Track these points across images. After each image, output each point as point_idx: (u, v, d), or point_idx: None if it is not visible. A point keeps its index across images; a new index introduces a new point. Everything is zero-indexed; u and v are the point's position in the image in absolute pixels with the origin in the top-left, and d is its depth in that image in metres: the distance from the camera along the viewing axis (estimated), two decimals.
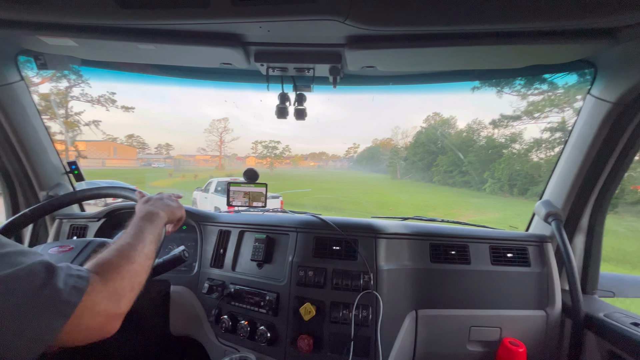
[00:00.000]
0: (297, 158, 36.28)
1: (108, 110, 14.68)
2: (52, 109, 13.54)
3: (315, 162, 39.23)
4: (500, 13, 0.71)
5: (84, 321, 0.46)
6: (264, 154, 28.16)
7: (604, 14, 0.69)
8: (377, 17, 0.75)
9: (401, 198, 14.85)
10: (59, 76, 11.09)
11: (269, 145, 28.20)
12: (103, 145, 25.96)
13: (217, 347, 1.18)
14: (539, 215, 1.20)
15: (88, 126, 14.43)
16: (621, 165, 1.04)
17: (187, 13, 0.76)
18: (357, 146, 36.78)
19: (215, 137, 28.76)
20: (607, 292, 1.20)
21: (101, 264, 0.54)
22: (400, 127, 39.93)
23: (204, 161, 32.28)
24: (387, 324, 1.04)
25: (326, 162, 38.89)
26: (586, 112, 1.04)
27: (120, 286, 0.53)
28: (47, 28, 0.87)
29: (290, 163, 34.23)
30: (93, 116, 17.67)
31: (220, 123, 29.39)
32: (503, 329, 1.11)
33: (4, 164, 1.31)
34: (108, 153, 26.21)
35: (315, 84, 1.18)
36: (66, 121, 13.65)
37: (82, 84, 12.46)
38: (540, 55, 0.90)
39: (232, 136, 29.56)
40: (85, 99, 13.82)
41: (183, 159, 33.07)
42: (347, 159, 35.81)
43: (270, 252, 1.20)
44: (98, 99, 13.91)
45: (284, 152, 29.00)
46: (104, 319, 0.49)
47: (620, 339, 0.92)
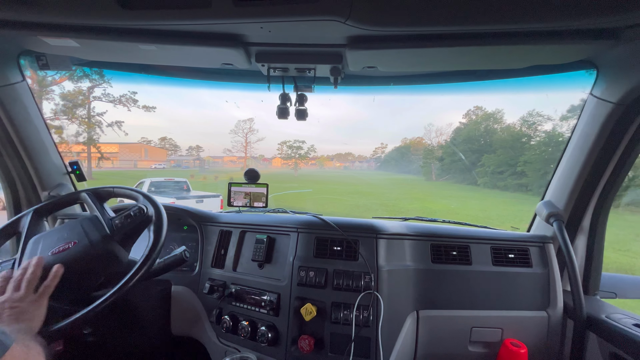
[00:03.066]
0: (323, 159, 35.39)
1: (130, 110, 14.63)
2: (73, 109, 13.52)
3: (341, 163, 38.50)
4: (502, 13, 0.71)
5: None
6: (288, 154, 27.19)
7: (605, 14, 0.69)
8: (378, 17, 0.75)
9: (449, 205, 12.42)
10: (80, 76, 11.11)
11: (293, 145, 26.97)
12: (135, 147, 27.20)
13: (218, 347, 1.18)
14: (541, 215, 1.20)
15: (111, 127, 14.34)
16: (623, 165, 1.04)
17: (189, 14, 0.76)
18: (385, 146, 35.33)
19: (240, 138, 28.32)
20: (609, 293, 1.19)
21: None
22: (433, 124, 37.55)
23: (231, 162, 32.35)
24: (388, 324, 1.03)
25: (352, 162, 38.08)
26: (588, 113, 1.04)
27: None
28: (49, 29, 0.87)
29: (316, 164, 33.55)
30: (115, 117, 17.57)
31: (246, 124, 28.67)
32: (504, 329, 1.11)
33: (5, 163, 1.31)
34: (140, 155, 27.33)
35: (316, 84, 1.18)
36: (85, 121, 13.80)
37: (104, 84, 12.62)
38: (541, 56, 0.90)
39: (258, 137, 28.96)
40: (107, 99, 13.86)
41: (212, 160, 33.37)
42: (374, 160, 34.76)
43: (271, 252, 1.20)
44: (119, 99, 13.88)
45: (309, 152, 27.85)
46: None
47: (622, 340, 0.92)
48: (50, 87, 11.90)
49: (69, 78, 11.73)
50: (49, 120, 11.63)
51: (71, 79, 11.74)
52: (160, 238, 0.90)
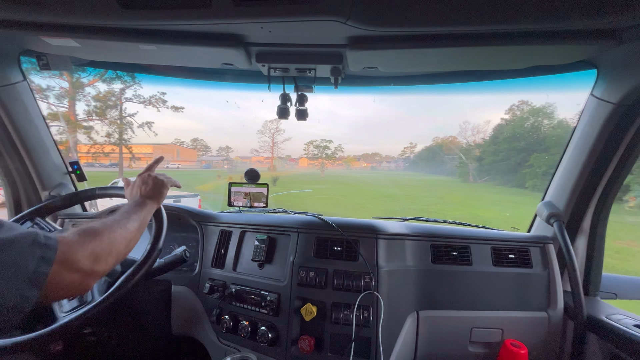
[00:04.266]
0: (349, 159, 34.00)
1: (159, 110, 14.56)
2: (106, 111, 13.81)
3: (368, 163, 37.36)
4: (502, 14, 0.71)
5: (64, 278, 0.52)
6: (315, 154, 26.41)
7: (606, 15, 0.69)
8: (379, 17, 0.75)
9: (503, 213, 10.66)
10: (113, 77, 11.22)
11: (320, 145, 26.05)
12: (168, 148, 27.89)
13: (218, 347, 1.18)
14: (541, 216, 1.20)
15: (141, 128, 14.36)
16: (623, 166, 1.03)
17: (189, 14, 0.76)
18: (414, 146, 33.69)
19: (267, 138, 27.62)
20: (609, 293, 1.19)
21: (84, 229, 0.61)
22: (469, 122, 35.10)
23: (259, 162, 32.10)
24: (388, 325, 1.03)
25: (379, 163, 36.93)
26: (588, 113, 1.04)
27: (99, 248, 0.59)
28: (50, 29, 0.87)
29: (343, 164, 32.64)
30: (146, 117, 17.73)
31: (272, 124, 28.59)
32: (505, 330, 1.11)
33: (6, 163, 1.31)
34: (172, 155, 28.00)
35: (317, 84, 1.18)
36: (116, 122, 13.88)
37: (134, 85, 12.74)
38: (542, 56, 0.90)
39: (284, 137, 28.17)
40: (138, 100, 13.89)
41: (240, 161, 33.24)
42: (402, 160, 33.43)
43: (271, 252, 1.20)
44: (149, 100, 13.87)
45: (336, 152, 26.85)
46: (81, 275, 0.55)
47: (623, 341, 0.92)
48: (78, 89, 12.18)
49: (100, 79, 11.96)
50: (82, 122, 11.04)
51: (103, 81, 12.04)
52: (161, 238, 0.90)
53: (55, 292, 0.52)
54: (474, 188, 15.76)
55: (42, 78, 11.53)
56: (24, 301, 0.46)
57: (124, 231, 0.68)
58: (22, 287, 0.46)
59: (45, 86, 11.05)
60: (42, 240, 0.50)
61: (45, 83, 11.35)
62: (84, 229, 0.61)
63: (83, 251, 0.56)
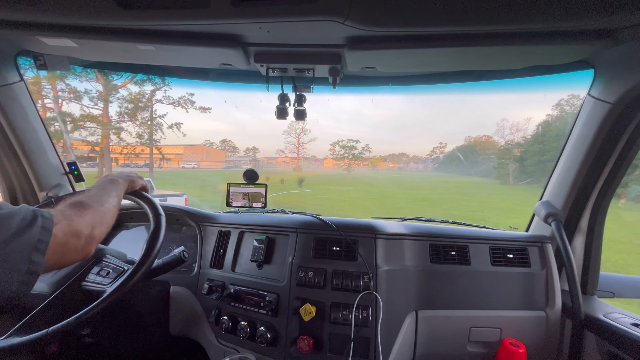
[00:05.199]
0: (375, 159, 33.35)
1: (187, 111, 14.75)
2: (136, 113, 14.05)
3: (394, 164, 36.63)
4: (500, 14, 0.72)
5: (70, 244, 0.59)
6: (341, 154, 26.09)
7: (603, 15, 0.69)
8: (377, 18, 0.75)
9: None
10: (144, 79, 11.43)
11: (346, 145, 25.63)
12: (198, 148, 29.21)
13: (217, 347, 1.17)
14: (539, 215, 1.20)
15: (171, 129, 14.67)
16: (620, 165, 1.04)
17: (187, 14, 0.76)
18: (444, 146, 32.64)
19: (293, 139, 27.96)
20: (607, 292, 1.20)
21: (74, 202, 0.67)
22: (507, 119, 32.51)
23: (284, 163, 32.60)
24: (387, 324, 1.03)
25: (407, 163, 36.04)
26: (585, 113, 1.04)
27: (93, 217, 0.67)
28: (47, 29, 0.87)
29: (369, 165, 32.09)
30: (175, 118, 18.05)
31: (298, 124, 28.47)
32: (503, 329, 1.11)
33: (3, 164, 1.31)
34: (202, 156, 29.22)
35: (315, 84, 1.18)
36: (147, 123, 14.19)
37: (164, 87, 12.92)
38: (539, 56, 0.90)
39: (310, 137, 28.44)
40: (168, 102, 14.12)
41: (267, 161, 34.15)
42: (431, 161, 32.48)
43: (270, 252, 1.20)
44: (178, 101, 14.07)
45: (363, 152, 26.23)
46: (84, 240, 0.62)
47: (620, 340, 0.92)
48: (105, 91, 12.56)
49: (131, 81, 12.27)
50: (114, 123, 11.21)
51: (135, 83, 12.35)
52: (159, 238, 0.89)
53: (64, 256, 0.59)
54: (516, 191, 13.89)
55: (79, 82, 11.88)
56: (34, 265, 0.52)
57: (109, 205, 0.76)
58: (29, 252, 0.51)
59: (83, 89, 11.53)
60: (39, 212, 0.55)
61: (83, 86, 11.74)
62: (74, 202, 0.67)
63: (81, 218, 0.64)
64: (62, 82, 11.47)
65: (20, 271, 0.50)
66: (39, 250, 0.53)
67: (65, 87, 11.92)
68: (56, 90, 12.02)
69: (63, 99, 12.17)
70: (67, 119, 12.27)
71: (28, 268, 0.51)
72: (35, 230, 0.53)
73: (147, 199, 0.96)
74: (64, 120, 12.22)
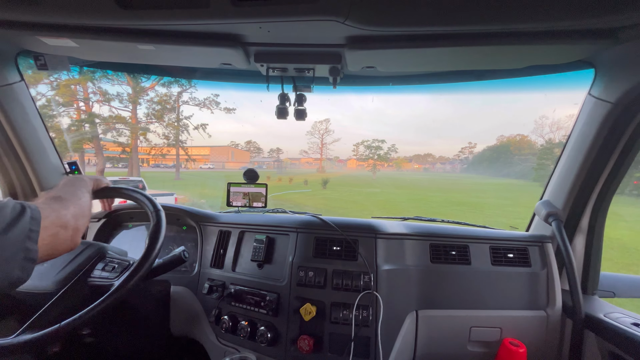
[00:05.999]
0: (400, 160, 32.00)
1: (212, 112, 15.05)
2: (163, 114, 14.26)
3: (420, 165, 35.49)
4: (500, 13, 0.71)
5: (59, 235, 0.62)
6: (366, 155, 25.19)
7: (604, 15, 0.69)
8: (377, 17, 0.75)
9: None
10: (171, 81, 11.61)
11: (371, 145, 24.63)
12: (224, 149, 30.25)
13: (217, 347, 1.18)
14: (539, 215, 1.20)
15: (197, 130, 14.88)
16: (621, 165, 1.04)
17: (187, 14, 0.76)
18: (474, 146, 31.27)
19: (316, 139, 28.04)
20: (607, 292, 1.20)
21: (53, 196, 0.70)
22: (547, 117, 32.87)
23: (307, 164, 32.67)
24: (388, 324, 1.03)
25: (433, 164, 34.78)
26: (586, 113, 1.04)
27: (74, 210, 0.69)
28: (47, 29, 0.87)
29: (393, 166, 30.99)
30: (201, 119, 18.50)
31: (322, 124, 28.03)
32: (503, 329, 1.11)
33: (3, 164, 1.31)
34: (227, 157, 30.28)
35: (315, 84, 1.18)
36: (173, 124, 14.44)
37: (190, 88, 13.12)
38: (540, 56, 0.90)
39: (333, 137, 28.24)
40: (194, 103, 14.35)
41: (290, 162, 34.42)
42: (459, 161, 31.20)
43: (270, 252, 1.20)
44: (204, 102, 14.33)
45: (389, 152, 25.27)
46: (71, 231, 0.65)
47: (621, 339, 0.92)
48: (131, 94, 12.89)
49: (158, 83, 12.53)
50: (142, 124, 11.42)
51: (162, 84, 12.57)
52: (159, 238, 0.89)
53: (55, 247, 0.62)
54: None
55: (110, 85, 12.08)
56: (30, 253, 0.55)
57: (85, 199, 0.78)
58: (24, 240, 0.54)
59: (115, 92, 11.86)
60: (25, 204, 0.58)
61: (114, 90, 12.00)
62: (52, 196, 0.70)
63: (65, 210, 0.67)
64: (93, 84, 11.87)
65: (18, 258, 0.53)
66: (31, 238, 0.56)
67: (96, 89, 12.26)
68: (87, 93, 12.27)
69: (94, 101, 12.46)
70: (96, 120, 12.50)
71: (24, 255, 0.54)
72: (26, 219, 0.55)
73: (145, 196, 0.96)
74: (93, 122, 12.52)
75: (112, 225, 1.44)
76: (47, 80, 10.79)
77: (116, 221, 1.45)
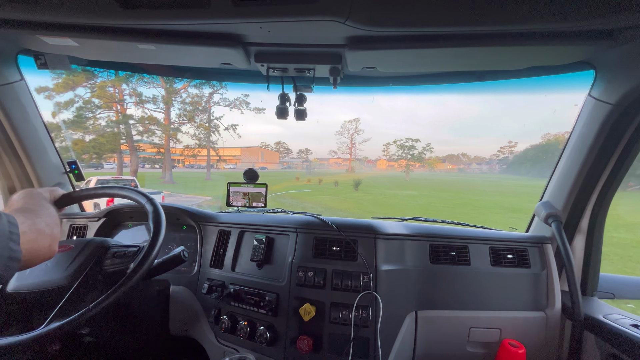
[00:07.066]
0: (432, 160, 29.72)
1: (242, 112, 15.22)
2: (194, 115, 14.61)
3: (453, 165, 33.85)
4: (501, 14, 0.71)
5: (39, 242, 0.62)
6: (398, 155, 24.08)
7: (604, 16, 0.69)
8: (378, 18, 0.75)
9: None
10: (203, 82, 11.90)
11: (404, 144, 23.38)
12: (254, 150, 31.04)
13: (216, 347, 1.18)
14: (539, 216, 1.20)
15: (227, 130, 15.10)
16: (621, 167, 1.04)
17: (188, 13, 0.76)
18: (514, 145, 28.89)
19: (346, 139, 27.57)
20: (607, 293, 1.20)
21: (21, 208, 0.69)
22: None
23: (336, 164, 32.47)
24: (387, 325, 1.03)
25: (467, 164, 33.13)
26: (586, 114, 1.04)
27: (46, 219, 0.69)
28: (48, 28, 0.87)
29: (425, 166, 29.16)
30: (231, 120, 18.92)
31: (352, 124, 27.56)
32: (503, 330, 1.11)
33: (4, 163, 1.31)
34: (257, 157, 31.04)
35: (316, 84, 1.18)
36: (204, 125, 14.69)
37: (221, 89, 13.51)
38: (540, 57, 0.90)
39: (363, 137, 27.45)
40: (224, 103, 14.56)
41: (319, 162, 34.51)
42: (497, 161, 29.18)
43: (269, 252, 1.20)
44: (234, 102, 14.51)
45: (423, 151, 23.74)
46: (49, 239, 0.65)
47: (620, 341, 0.92)
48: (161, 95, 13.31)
49: (189, 84, 12.72)
50: (175, 125, 12.16)
51: (194, 86, 12.88)
52: (159, 238, 0.89)
53: (35, 254, 0.62)
54: (625, 198, 8.75)
55: (146, 88, 12.10)
56: (13, 252, 0.55)
57: (50, 208, 0.76)
58: (6, 241, 0.54)
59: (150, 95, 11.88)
60: (1, 211, 0.58)
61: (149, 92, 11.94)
62: (20, 207, 0.70)
63: (39, 219, 0.66)
64: (127, 86, 12.23)
65: (3, 257, 0.53)
66: (13, 240, 0.56)
67: (131, 91, 12.65)
68: (122, 94, 12.53)
69: (129, 103, 12.84)
70: (130, 121, 12.72)
71: (9, 255, 0.54)
72: (4, 223, 0.55)
73: (134, 191, 0.96)
74: (128, 122, 12.66)
75: (111, 225, 1.44)
76: (85, 83, 10.94)
77: (116, 220, 1.45)
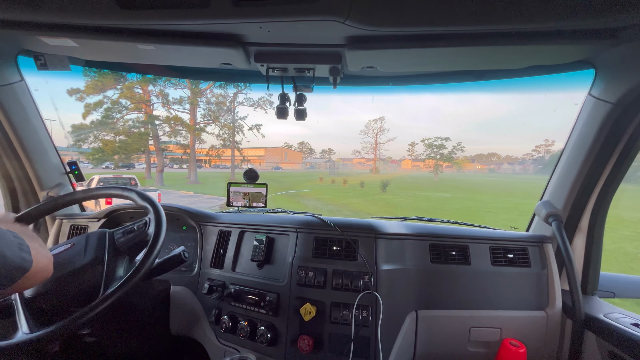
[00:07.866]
0: (461, 160, 27.83)
1: (266, 112, 15.15)
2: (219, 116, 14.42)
3: (483, 165, 32.40)
4: (501, 14, 0.71)
5: (40, 260, 0.64)
6: (427, 154, 22.91)
7: (604, 15, 0.69)
8: (377, 17, 0.75)
9: None
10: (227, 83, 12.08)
11: (433, 143, 22.17)
12: (277, 150, 31.25)
13: (217, 347, 1.18)
14: (539, 215, 1.20)
15: (251, 130, 15.09)
16: (621, 166, 1.04)
17: (188, 13, 0.76)
18: (551, 143, 27.02)
19: (370, 139, 26.78)
20: (607, 292, 1.20)
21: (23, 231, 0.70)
22: None
23: (359, 164, 32.16)
24: (387, 324, 1.03)
25: (498, 164, 31.52)
26: (586, 113, 1.04)
27: (39, 243, 0.70)
28: (48, 28, 0.87)
29: (453, 167, 27.68)
30: (255, 120, 19.02)
31: (376, 123, 26.70)
32: (503, 329, 1.11)
33: (4, 163, 1.31)
34: (281, 158, 31.22)
35: (316, 84, 1.18)
36: (228, 125, 14.78)
37: (245, 89, 13.40)
38: (540, 56, 0.90)
39: (388, 137, 26.76)
40: (248, 103, 14.57)
41: (342, 162, 34.35)
42: (532, 161, 27.62)
43: (270, 252, 1.20)
44: (258, 102, 14.55)
45: (454, 150, 22.36)
46: (47, 260, 0.68)
47: (621, 340, 0.92)
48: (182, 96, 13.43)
49: (214, 84, 12.78)
50: (200, 124, 12.35)
51: (219, 86, 13.07)
52: (159, 238, 0.90)
53: (39, 270, 0.64)
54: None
55: (173, 89, 12.51)
56: (24, 263, 0.58)
57: (37, 239, 0.75)
58: (19, 253, 0.58)
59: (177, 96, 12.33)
60: (14, 239, 0.60)
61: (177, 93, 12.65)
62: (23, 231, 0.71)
63: (35, 241, 0.68)
64: (154, 87, 12.36)
65: (15, 262, 0.56)
66: (23, 250, 0.59)
67: (157, 92, 12.69)
68: (149, 95, 12.59)
69: (156, 103, 12.92)
70: (156, 121, 12.83)
71: (19, 264, 0.57)
72: (9, 236, 0.58)
73: (146, 197, 0.96)
74: (154, 123, 12.76)
75: (112, 225, 1.44)
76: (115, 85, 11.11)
77: (116, 221, 1.45)
